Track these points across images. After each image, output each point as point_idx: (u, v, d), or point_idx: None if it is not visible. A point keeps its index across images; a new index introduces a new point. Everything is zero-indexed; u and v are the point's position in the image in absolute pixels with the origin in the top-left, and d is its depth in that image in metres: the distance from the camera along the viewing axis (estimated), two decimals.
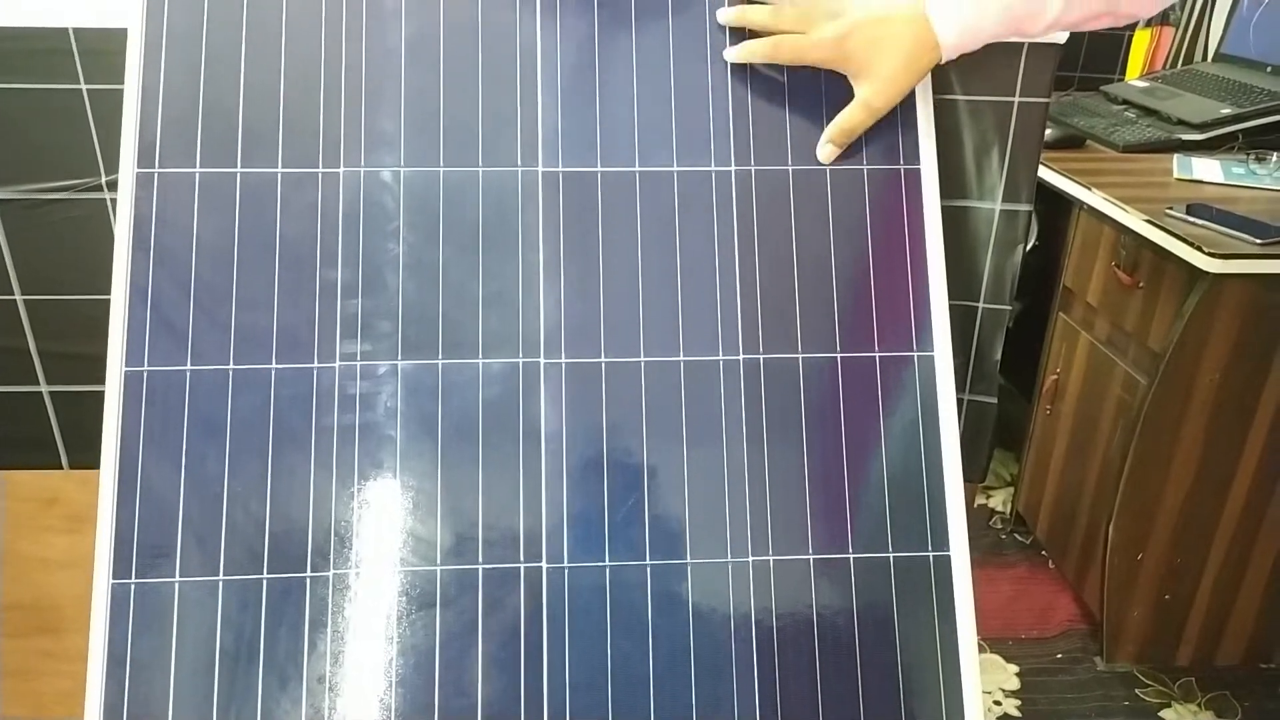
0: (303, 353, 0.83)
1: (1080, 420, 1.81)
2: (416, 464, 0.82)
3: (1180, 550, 1.66)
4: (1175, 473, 1.60)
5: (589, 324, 0.85)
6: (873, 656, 0.82)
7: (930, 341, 0.86)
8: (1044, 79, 0.94)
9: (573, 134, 0.86)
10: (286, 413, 0.82)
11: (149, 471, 0.80)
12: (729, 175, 0.87)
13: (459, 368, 0.83)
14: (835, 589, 0.83)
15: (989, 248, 1.00)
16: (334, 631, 0.79)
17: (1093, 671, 1.77)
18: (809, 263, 0.87)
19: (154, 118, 0.84)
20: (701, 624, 0.81)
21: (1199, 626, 1.73)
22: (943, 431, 0.85)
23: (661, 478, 0.83)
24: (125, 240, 0.83)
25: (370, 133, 0.85)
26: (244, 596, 0.79)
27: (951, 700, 0.82)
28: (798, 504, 0.84)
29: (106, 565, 0.79)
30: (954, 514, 0.84)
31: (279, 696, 0.78)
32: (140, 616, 0.79)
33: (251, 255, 0.84)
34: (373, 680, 0.79)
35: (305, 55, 0.85)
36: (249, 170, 0.84)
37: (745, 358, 0.85)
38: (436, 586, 0.81)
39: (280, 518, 0.81)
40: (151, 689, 0.78)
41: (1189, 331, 1.49)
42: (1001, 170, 0.98)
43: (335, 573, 0.80)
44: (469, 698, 0.79)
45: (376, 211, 0.85)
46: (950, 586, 0.83)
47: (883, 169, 0.88)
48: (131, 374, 0.82)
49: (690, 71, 0.87)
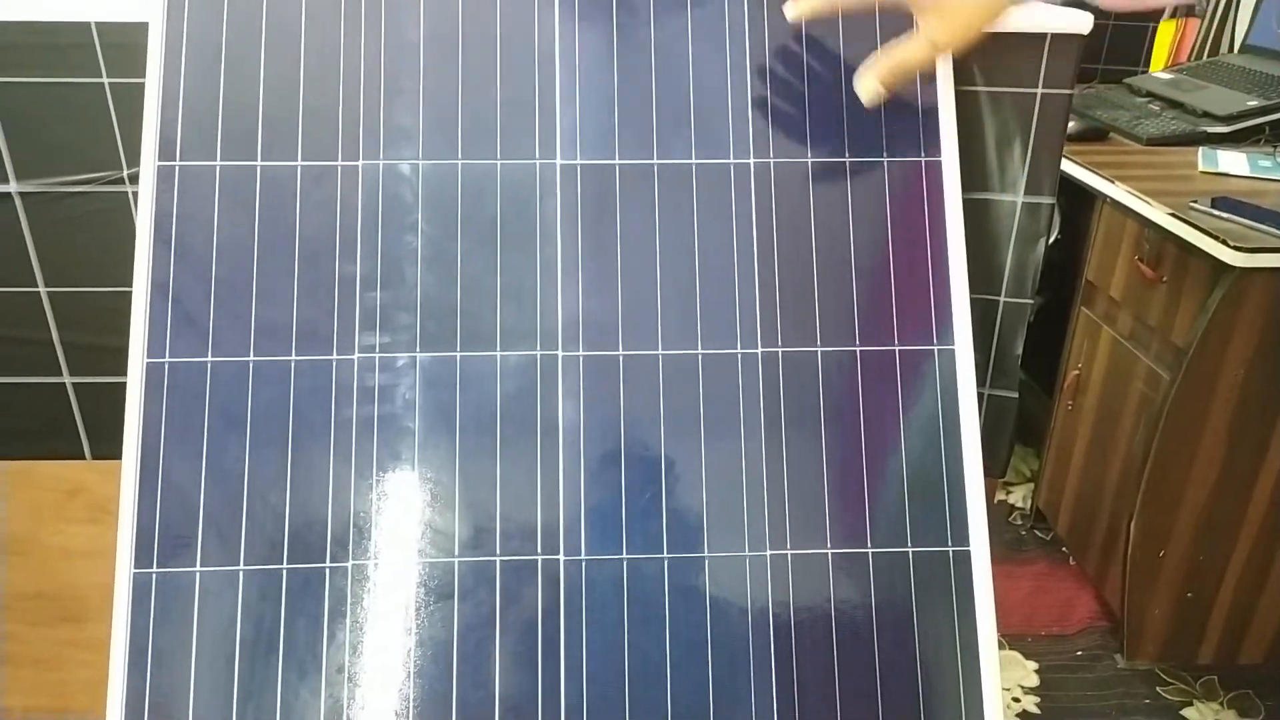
0: (322, 345, 0.83)
1: (1102, 416, 1.80)
2: (435, 456, 0.82)
3: (1203, 547, 1.65)
4: (1198, 469, 1.59)
5: (607, 317, 0.84)
6: (891, 652, 0.81)
7: (951, 335, 0.86)
8: (1067, 70, 0.93)
9: (591, 127, 0.86)
10: (306, 404, 0.82)
11: (170, 462, 0.81)
12: (748, 168, 0.87)
13: (477, 360, 0.84)
14: (854, 583, 0.82)
15: (1011, 241, 0.99)
16: (353, 622, 0.80)
17: (1113, 669, 1.76)
18: (828, 255, 0.86)
19: (175, 111, 0.85)
20: (719, 618, 0.81)
21: (1221, 624, 1.71)
22: (963, 426, 0.85)
23: (679, 471, 0.83)
24: (146, 233, 0.83)
25: (389, 126, 0.85)
26: (264, 586, 0.80)
27: (970, 697, 0.81)
28: (816, 498, 0.83)
29: (128, 555, 0.80)
30: (974, 509, 0.83)
31: (298, 686, 0.79)
32: (162, 605, 0.79)
33: (271, 247, 0.84)
34: (391, 671, 0.79)
35: (325, 48, 0.85)
36: (269, 163, 0.85)
37: (764, 351, 0.85)
38: (454, 578, 0.81)
39: (300, 509, 0.81)
40: (173, 677, 0.79)
41: (1213, 326, 1.47)
42: (1024, 162, 0.97)
43: (354, 563, 0.81)
44: (486, 689, 0.79)
45: (395, 204, 0.85)
46: (970, 582, 0.83)
47: (903, 161, 0.87)
48: (153, 365, 0.82)
49: (709, 64, 0.87)
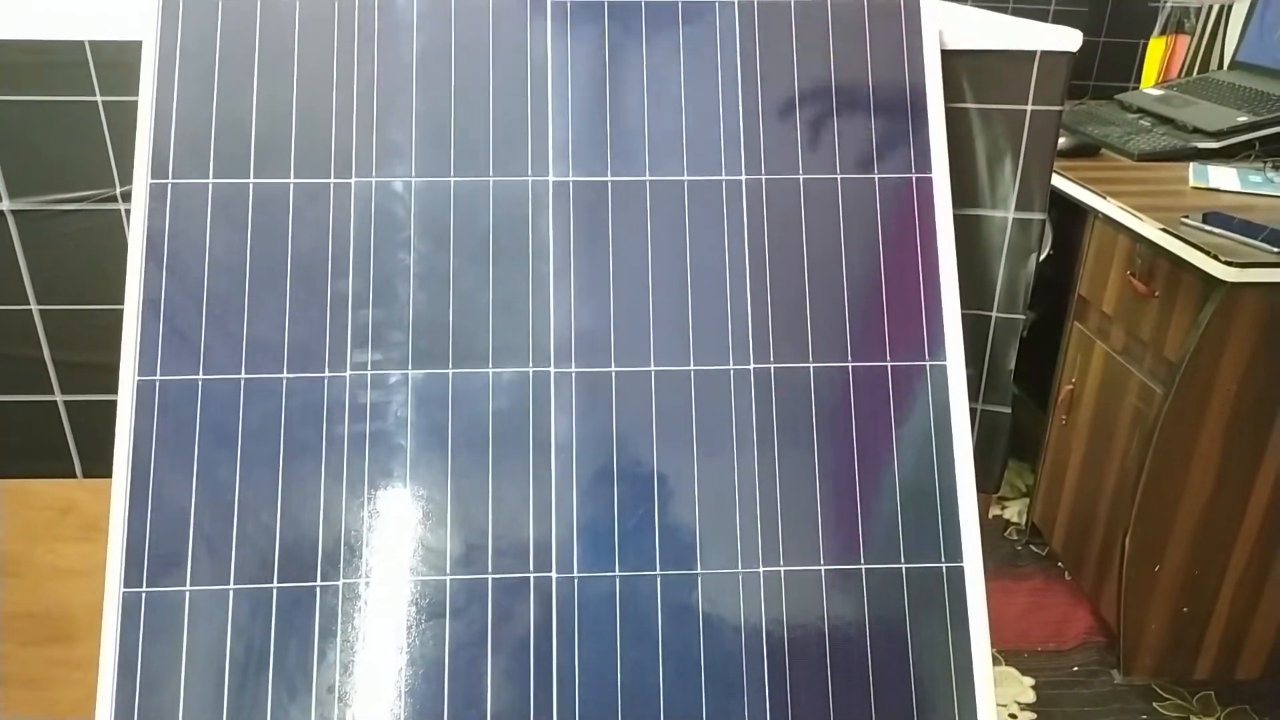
0: (314, 362, 0.83)
1: (1096, 430, 1.80)
2: (427, 473, 0.82)
3: (1198, 562, 1.64)
4: (1192, 483, 1.58)
5: (599, 333, 0.84)
6: (885, 668, 0.81)
7: (942, 350, 0.86)
8: (1056, 87, 0.94)
9: (583, 143, 0.87)
10: (297, 422, 0.82)
11: (161, 480, 0.81)
12: (739, 184, 0.87)
13: (469, 377, 0.83)
14: (847, 600, 0.82)
15: (1002, 256, 1.00)
16: (344, 641, 0.79)
17: (1110, 684, 1.75)
18: (820, 271, 0.86)
19: (168, 129, 0.85)
20: (712, 634, 0.81)
21: (1218, 639, 1.71)
22: (955, 441, 0.85)
23: (672, 487, 0.83)
24: (139, 251, 0.84)
25: (381, 144, 0.86)
26: (254, 605, 0.79)
27: (965, 713, 0.81)
28: (809, 514, 0.83)
29: (118, 573, 0.79)
30: (967, 525, 0.83)
31: (288, 705, 0.78)
32: (151, 624, 0.79)
33: (263, 265, 0.84)
34: (382, 690, 0.79)
35: (317, 67, 0.86)
36: (261, 181, 0.85)
37: (756, 367, 0.85)
38: (446, 596, 0.80)
39: (291, 527, 0.81)
40: (162, 696, 0.78)
41: (1205, 341, 1.47)
42: (1015, 178, 0.97)
43: (345, 582, 0.80)
44: (478, 708, 0.79)
45: (387, 221, 0.85)
46: (964, 598, 0.83)
47: (894, 178, 0.88)
48: (144, 383, 0.82)
49: (700, 81, 0.87)
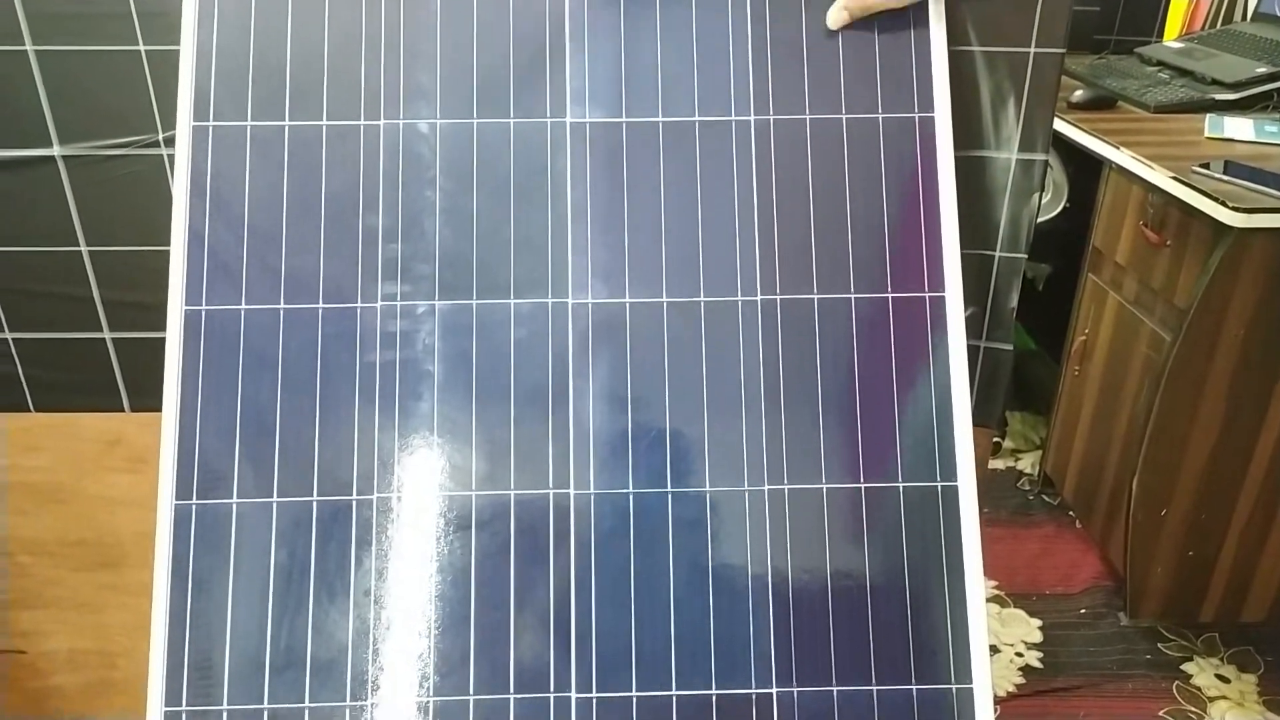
0: (347, 294, 0.89)
1: (1107, 380, 1.83)
2: (452, 397, 0.88)
3: (1204, 506, 1.67)
4: (1199, 428, 1.61)
5: (614, 267, 0.89)
6: (881, 579, 0.86)
7: (942, 283, 0.90)
8: (1059, 29, 0.97)
9: (600, 87, 0.91)
10: (333, 349, 0.88)
11: (208, 401, 0.87)
12: (748, 125, 0.91)
13: (492, 308, 0.89)
14: (846, 517, 0.87)
15: (1005, 197, 1.03)
16: (378, 550, 0.86)
17: (1116, 627, 1.80)
18: (825, 208, 0.90)
19: (208, 75, 0.90)
20: (719, 546, 0.86)
21: (1223, 583, 1.75)
22: (952, 369, 0.89)
23: (682, 410, 0.88)
24: (184, 188, 0.89)
25: (408, 87, 0.90)
26: (296, 517, 0.86)
27: (957, 620, 0.86)
28: (812, 436, 0.88)
29: (170, 487, 0.86)
30: (962, 446, 0.88)
31: (328, 608, 0.85)
32: (201, 534, 0.85)
33: (299, 203, 0.89)
34: (414, 594, 0.85)
35: (347, 13, 0.90)
36: (296, 123, 0.90)
37: (763, 298, 0.89)
38: (472, 510, 0.86)
39: (328, 446, 0.87)
40: (211, 600, 0.85)
41: (1214, 287, 1.49)
42: (1018, 120, 1.00)
43: (379, 496, 0.86)
44: (502, 611, 0.85)
45: (414, 161, 0.90)
46: (957, 516, 0.87)
47: (898, 117, 0.91)
48: (191, 313, 0.88)
49: (711, 24, 0.91)
